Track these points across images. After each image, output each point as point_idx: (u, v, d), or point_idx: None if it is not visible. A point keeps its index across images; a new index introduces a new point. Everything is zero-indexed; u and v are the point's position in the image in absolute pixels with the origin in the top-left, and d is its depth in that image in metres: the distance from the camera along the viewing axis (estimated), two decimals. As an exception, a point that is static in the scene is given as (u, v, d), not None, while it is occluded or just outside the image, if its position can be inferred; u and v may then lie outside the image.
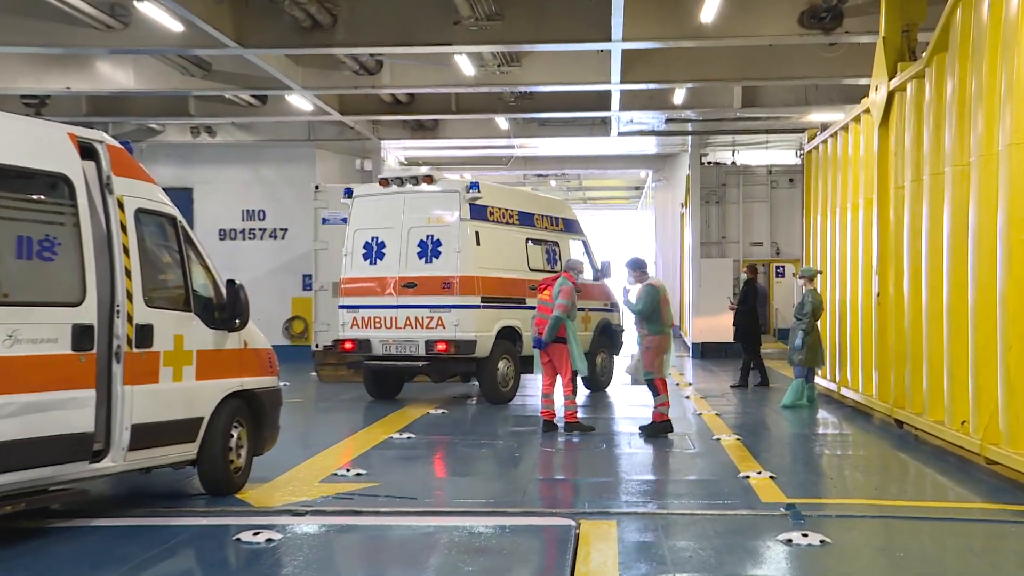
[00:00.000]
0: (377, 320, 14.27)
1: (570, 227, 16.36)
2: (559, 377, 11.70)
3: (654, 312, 11.15)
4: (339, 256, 16.71)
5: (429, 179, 14.18)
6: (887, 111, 12.16)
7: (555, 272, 14.76)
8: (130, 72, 17.94)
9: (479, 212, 14.18)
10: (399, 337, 14.11)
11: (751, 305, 17.20)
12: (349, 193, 14.92)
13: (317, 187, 18.45)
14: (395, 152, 26.14)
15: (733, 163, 25.09)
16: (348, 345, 14.51)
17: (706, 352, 23.78)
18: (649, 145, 27.78)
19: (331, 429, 12.22)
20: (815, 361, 14.10)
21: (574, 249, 16.19)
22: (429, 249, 13.97)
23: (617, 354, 16.93)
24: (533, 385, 16.99)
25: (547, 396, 11.81)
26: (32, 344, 6.21)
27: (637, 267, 11.50)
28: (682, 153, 27.96)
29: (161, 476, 8.47)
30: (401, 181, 14.34)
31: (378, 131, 23.55)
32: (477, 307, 13.84)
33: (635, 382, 11.67)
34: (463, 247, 13.82)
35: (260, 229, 23.54)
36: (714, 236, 24.61)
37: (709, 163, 25.07)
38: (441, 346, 13.79)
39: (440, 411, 13.54)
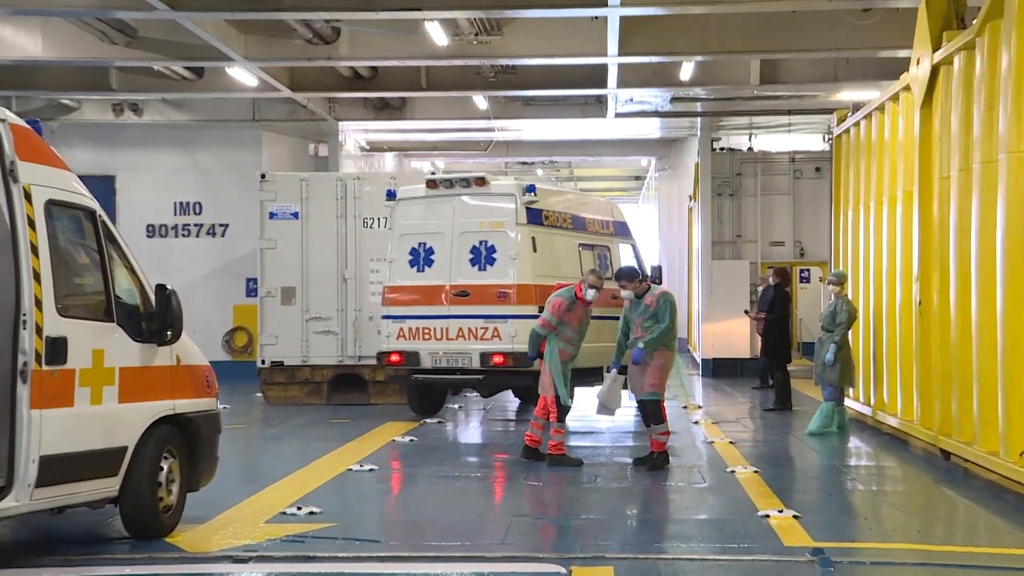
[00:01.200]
0: (426, 331, 15.21)
1: (620, 230, 17.70)
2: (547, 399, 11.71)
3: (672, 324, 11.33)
4: (289, 256, 17.75)
5: (482, 181, 15.40)
6: (931, 88, 12.19)
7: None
8: (38, 37, 17.79)
9: (535, 216, 15.36)
10: (451, 349, 15.14)
11: (780, 314, 17.27)
12: (392, 195, 16.02)
13: (263, 176, 18.41)
14: (355, 135, 26.09)
15: (750, 149, 25.14)
16: (395, 358, 15.41)
17: (718, 369, 23.82)
18: (652, 128, 27.80)
19: (280, 460, 12.22)
20: (848, 380, 14.13)
21: (624, 254, 17.30)
22: (483, 256, 15.16)
23: None
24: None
25: (536, 419, 11.82)
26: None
27: (633, 277, 11.45)
28: (690, 138, 27.97)
29: (76, 517, 8.37)
30: (450, 183, 15.59)
31: (335, 111, 23.49)
32: (535, 317, 14.07)
33: (606, 410, 11.64)
34: (520, 254, 15.02)
35: (196, 225, 23.44)
36: (728, 234, 24.65)
37: (722, 149, 25.12)
38: (498, 359, 14.82)
39: (408, 438, 13.59)
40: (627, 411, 15.43)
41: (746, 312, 19.97)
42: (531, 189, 15.30)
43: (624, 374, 11.86)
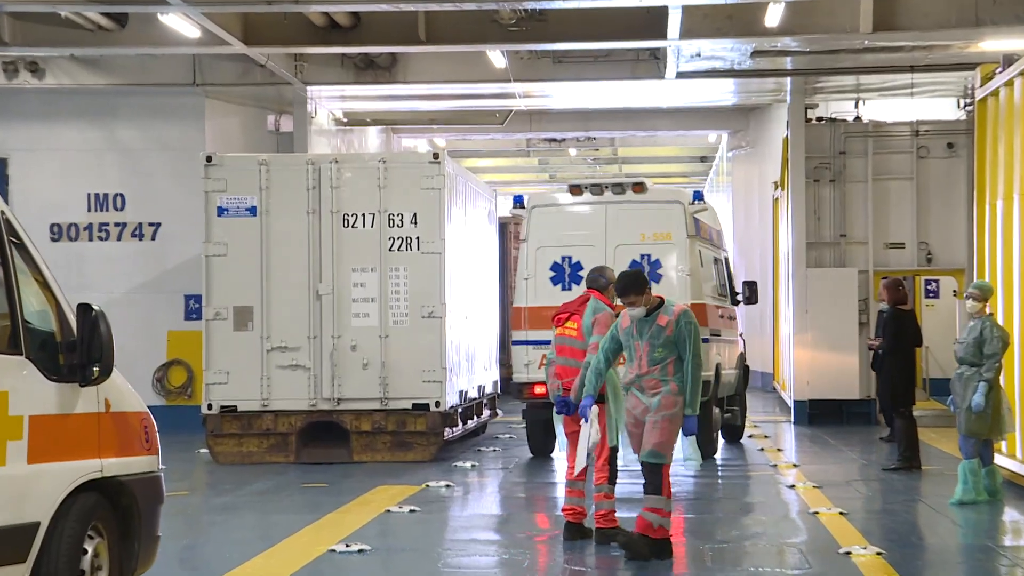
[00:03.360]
0: None
1: (722, 240, 19.77)
2: (596, 451, 11.57)
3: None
4: (243, 266, 18.01)
5: (640, 187, 17.70)
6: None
7: (724, 301, 19.38)
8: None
9: (697, 227, 17.87)
10: None
11: (906, 344, 17.13)
12: (520, 201, 18.12)
13: (209, 158, 18.41)
14: (329, 104, 26.11)
15: (858, 119, 25.09)
16: (541, 389, 16.65)
17: (816, 415, 23.70)
18: (725, 93, 27.74)
19: (234, 540, 12.19)
20: (1000, 430, 14.01)
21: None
22: (645, 271, 16.83)
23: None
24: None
25: (573, 485, 11.81)
26: None
27: (643, 287, 10.88)
28: (776, 105, 27.90)
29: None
30: (599, 189, 17.86)
31: (303, 71, 23.51)
32: (706, 341, 16.46)
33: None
34: (693, 270, 17.42)
35: (117, 224, 23.46)
36: (828, 234, 24.56)
37: (820, 120, 25.06)
38: None
39: (406, 508, 13.58)
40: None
41: (870, 344, 19.71)
42: (698, 196, 17.97)
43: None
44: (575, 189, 18.02)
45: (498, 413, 23.29)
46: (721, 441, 19.45)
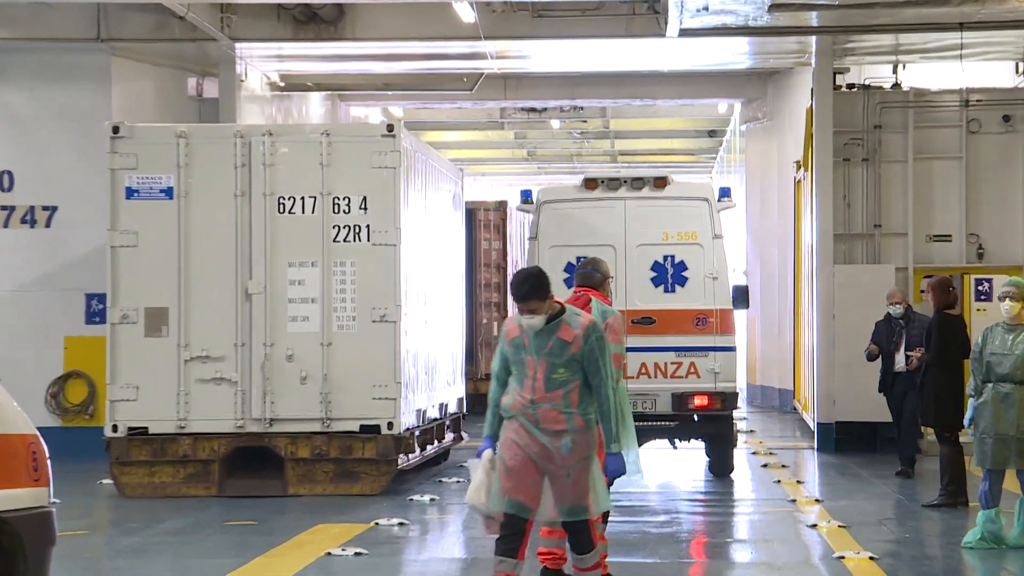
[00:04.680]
0: None
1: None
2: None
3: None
4: (157, 259, 18.07)
5: (662, 182, 19.47)
6: None
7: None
8: None
9: (722, 225, 19.44)
10: (632, 390, 17.08)
11: (954, 355, 17.10)
12: (528, 196, 19.70)
13: (116, 129, 18.37)
14: (263, 65, 26.09)
15: (896, 86, 25.13)
16: None
17: (844, 440, 23.70)
18: (737, 54, 27.78)
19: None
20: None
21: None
22: (669, 274, 19.17)
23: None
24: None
25: (553, 525, 11.63)
26: None
27: (545, 291, 10.61)
28: (799, 69, 27.93)
29: None
30: (617, 183, 19.57)
31: (231, 25, 23.47)
32: (734, 350, 19.52)
33: (492, 524, 10.73)
34: (720, 272, 19.20)
35: (3, 208, 23.36)
36: (860, 223, 24.60)
37: (851, 87, 25.10)
38: (700, 400, 19.07)
39: (351, 551, 13.52)
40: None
41: (907, 360, 19.66)
42: (725, 193, 19.84)
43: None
44: (590, 183, 19.50)
45: (463, 437, 23.24)
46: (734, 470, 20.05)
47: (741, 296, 20.46)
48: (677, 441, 20.34)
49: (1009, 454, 14.08)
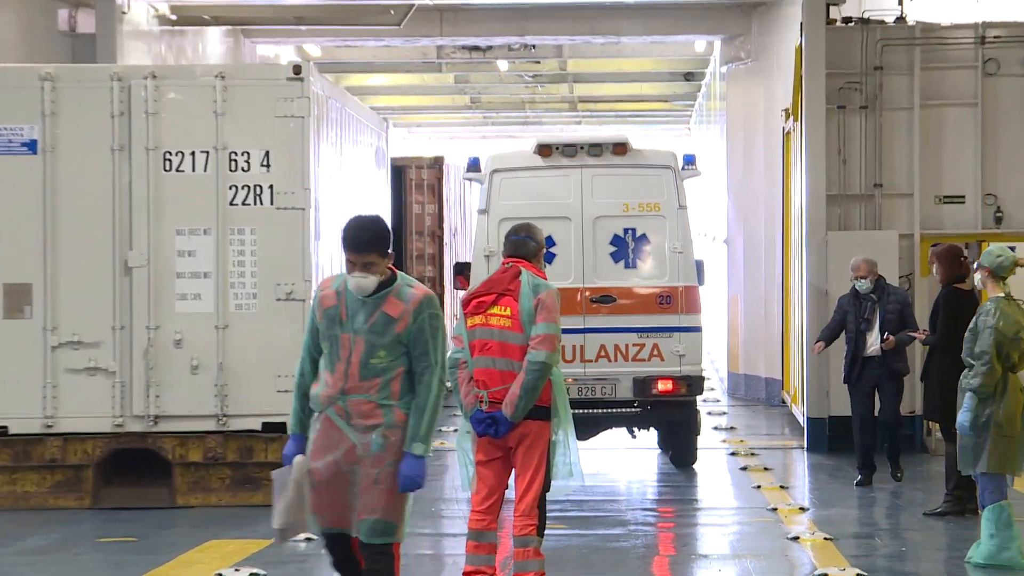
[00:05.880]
0: None
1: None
2: (521, 487, 11.88)
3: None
4: (17, 226, 18.18)
5: (622, 148, 20.28)
6: None
7: None
8: None
9: (686, 194, 20.47)
10: (591, 374, 20.12)
11: (953, 335, 17.15)
12: (475, 164, 20.53)
13: (-31, 72, 18.36)
14: (147, -4, 26.06)
15: (901, 20, 25.21)
16: None
17: (838, 437, 23.74)
18: (714, -18, 27.91)
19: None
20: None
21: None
22: (630, 248, 20.16)
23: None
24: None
25: (480, 537, 11.92)
26: None
27: (385, 249, 10.30)
28: (788, 0, 27.98)
29: None
30: (573, 150, 20.34)
31: (109, -55, 23.44)
32: (700, 330, 20.62)
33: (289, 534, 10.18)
34: (685, 245, 20.19)
35: None
36: (857, 182, 24.66)
37: (847, 21, 25.17)
38: (664, 385, 19.89)
39: (246, 572, 13.60)
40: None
41: (883, 338, 19.77)
42: (690, 160, 20.57)
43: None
44: (544, 149, 20.25)
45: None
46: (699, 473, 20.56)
47: (697, 271, 21.30)
48: (636, 430, 21.08)
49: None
